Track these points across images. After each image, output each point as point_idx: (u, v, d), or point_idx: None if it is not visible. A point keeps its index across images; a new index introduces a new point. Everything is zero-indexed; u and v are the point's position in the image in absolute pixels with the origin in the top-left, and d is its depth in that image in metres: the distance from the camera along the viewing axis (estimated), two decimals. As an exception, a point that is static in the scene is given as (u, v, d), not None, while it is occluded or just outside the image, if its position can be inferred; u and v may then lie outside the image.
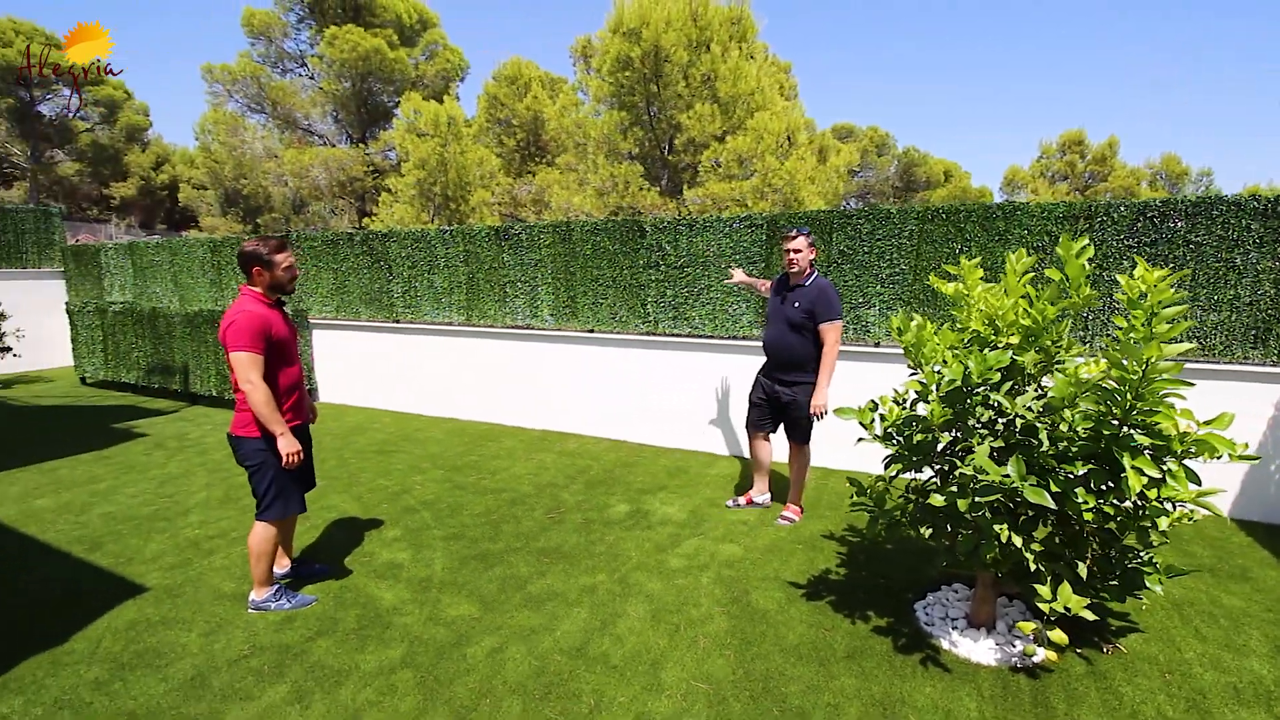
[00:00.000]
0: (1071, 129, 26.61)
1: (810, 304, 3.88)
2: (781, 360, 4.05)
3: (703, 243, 5.77)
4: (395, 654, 2.84)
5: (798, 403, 4.02)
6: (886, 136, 33.37)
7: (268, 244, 3.01)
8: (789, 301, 3.99)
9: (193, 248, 9.39)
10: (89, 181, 27.80)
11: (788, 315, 3.96)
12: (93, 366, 9.02)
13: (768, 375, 4.19)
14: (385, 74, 20.15)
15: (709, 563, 3.70)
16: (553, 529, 4.18)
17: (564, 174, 13.96)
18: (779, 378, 4.10)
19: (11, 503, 4.62)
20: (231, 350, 2.86)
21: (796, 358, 3.98)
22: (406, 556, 3.79)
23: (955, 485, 2.53)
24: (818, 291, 3.89)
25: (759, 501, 4.56)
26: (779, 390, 4.10)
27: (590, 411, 6.48)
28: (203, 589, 3.40)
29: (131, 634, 2.98)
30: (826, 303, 3.85)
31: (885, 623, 3.08)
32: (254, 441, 3.01)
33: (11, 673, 2.69)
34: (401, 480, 5.12)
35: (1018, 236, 4.89)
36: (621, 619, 3.11)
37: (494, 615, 3.15)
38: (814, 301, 3.87)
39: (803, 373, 4.00)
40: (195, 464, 5.54)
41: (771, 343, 4.09)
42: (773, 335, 4.07)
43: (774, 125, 10.33)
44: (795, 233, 3.93)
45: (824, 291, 3.89)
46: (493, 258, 6.82)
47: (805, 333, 3.92)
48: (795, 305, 3.94)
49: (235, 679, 2.67)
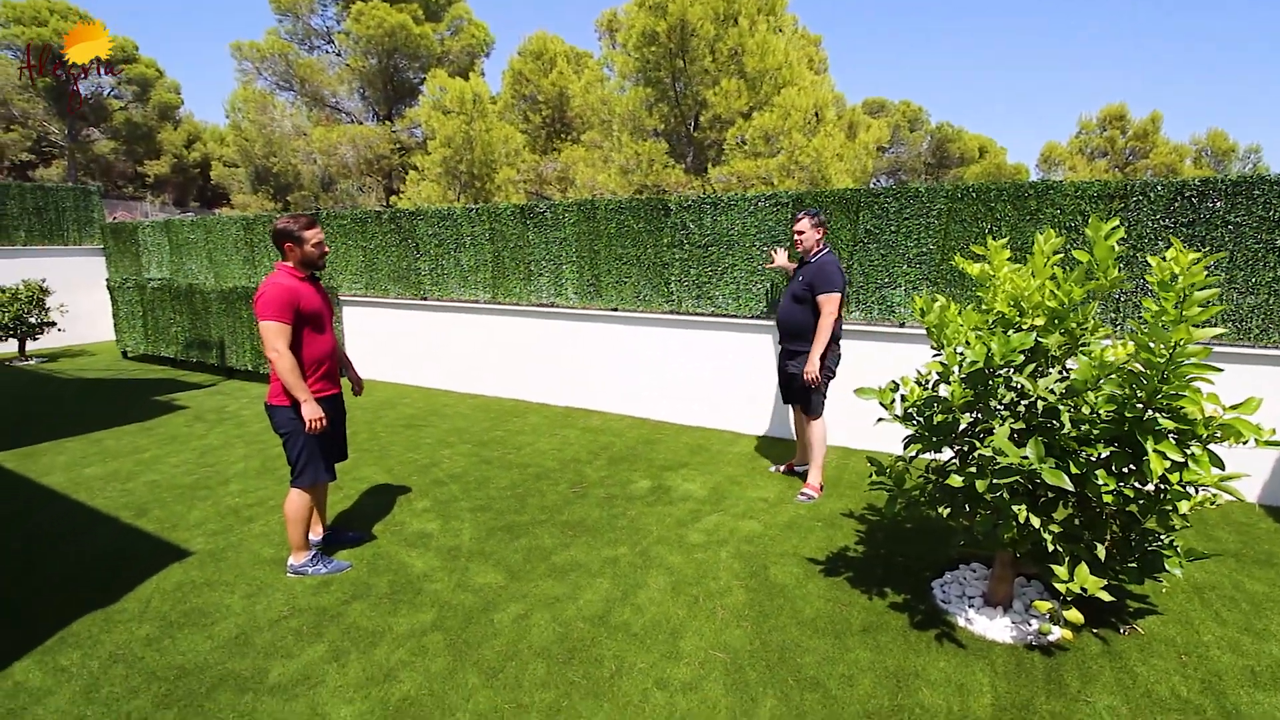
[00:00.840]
0: (1113, 103, 25.63)
1: (811, 277, 4.10)
2: (785, 331, 4.32)
3: (727, 221, 5.76)
4: (426, 618, 2.97)
5: (798, 376, 4.23)
6: (919, 111, 32.50)
7: (298, 221, 3.15)
8: (796, 275, 4.28)
9: (226, 226, 9.62)
10: (124, 159, 28.42)
11: (793, 289, 4.24)
12: (133, 341, 9.34)
13: (782, 351, 4.46)
14: (411, 50, 20.15)
15: (728, 538, 3.78)
16: (576, 503, 4.29)
17: (589, 151, 13.90)
18: (785, 349, 4.37)
19: (61, 471, 4.86)
20: (260, 319, 3.01)
21: (797, 328, 4.21)
22: (436, 527, 3.93)
23: (974, 466, 2.55)
24: (819, 266, 4.10)
25: (799, 470, 4.81)
26: (787, 362, 4.36)
27: (613, 389, 6.56)
28: (243, 554, 3.58)
29: (178, 595, 3.16)
30: (825, 276, 4.05)
31: (902, 599, 3.13)
32: (286, 410, 3.13)
33: (69, 629, 2.88)
34: (430, 454, 5.27)
35: (1050, 216, 4.80)
36: (642, 590, 3.21)
37: (520, 584, 3.27)
38: (814, 275, 4.08)
39: (804, 343, 4.20)
40: (234, 436, 5.76)
41: (779, 314, 4.39)
42: (780, 307, 4.38)
43: (801, 101, 10.12)
44: (801, 215, 4.19)
45: (824, 266, 4.09)
46: (518, 236, 6.88)
47: (805, 305, 4.15)
48: (800, 279, 4.20)
49: (276, 638, 2.82)
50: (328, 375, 3.30)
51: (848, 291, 4.34)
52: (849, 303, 5.45)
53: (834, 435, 5.53)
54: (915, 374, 3.00)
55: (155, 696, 2.46)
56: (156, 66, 27.33)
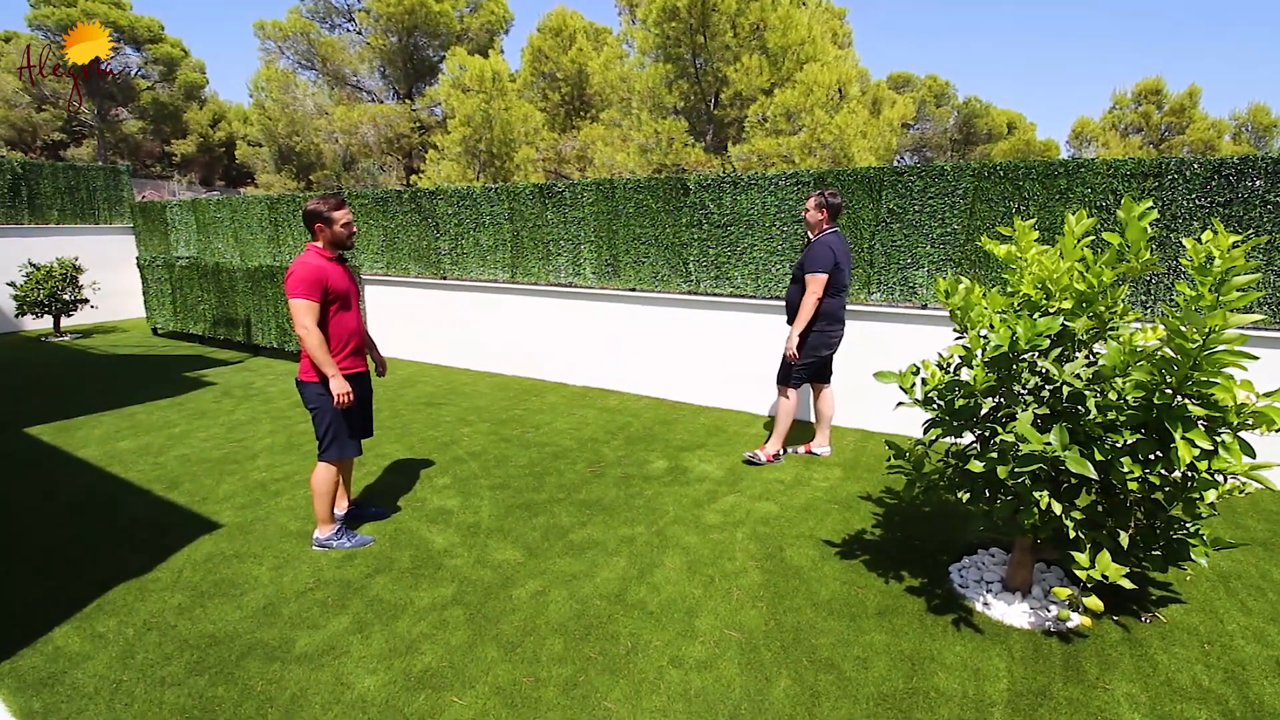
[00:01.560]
0: (1149, 77, 24.64)
1: (803, 258, 4.27)
2: (789, 309, 4.48)
3: (747, 201, 5.69)
4: (446, 592, 3.03)
5: (787, 349, 4.42)
6: (946, 86, 31.62)
7: (328, 202, 3.21)
8: (800, 256, 4.41)
9: (251, 205, 9.73)
10: (152, 139, 28.79)
11: (794, 270, 4.40)
12: (163, 318, 9.55)
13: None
14: (430, 27, 20.04)
15: (745, 519, 3.79)
16: (594, 482, 4.32)
17: (608, 130, 13.77)
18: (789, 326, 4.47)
19: (96, 444, 5.02)
20: (290, 297, 3.10)
21: (793, 308, 4.37)
22: (456, 504, 3.99)
23: (995, 451, 2.52)
24: (809, 248, 4.26)
25: (818, 453, 4.84)
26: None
27: (631, 369, 6.57)
28: (271, 527, 3.68)
29: (209, 566, 3.26)
30: (811, 256, 4.20)
31: (918, 583, 3.12)
32: (315, 386, 3.21)
33: (105, 597, 2.99)
34: (450, 432, 5.34)
35: (1080, 195, 4.67)
36: (658, 569, 3.24)
37: (537, 561, 3.32)
38: (804, 255, 4.26)
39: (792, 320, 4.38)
40: (260, 412, 5.89)
41: (787, 294, 4.53)
42: (788, 287, 4.52)
43: (824, 77, 9.87)
44: (811, 194, 4.31)
45: (813, 246, 4.23)
46: (536, 216, 6.87)
47: (798, 285, 4.29)
48: (799, 259, 4.36)
49: (303, 609, 2.90)
50: (355, 352, 3.38)
51: (849, 272, 4.37)
52: (870, 284, 5.38)
53: (853, 417, 5.49)
54: (937, 357, 2.96)
55: (188, 663, 2.56)
56: (182, 46, 27.52)
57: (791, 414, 4.57)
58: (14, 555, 3.38)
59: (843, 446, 5.02)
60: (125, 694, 2.39)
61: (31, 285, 9.14)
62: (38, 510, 3.90)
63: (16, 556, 3.36)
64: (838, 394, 5.53)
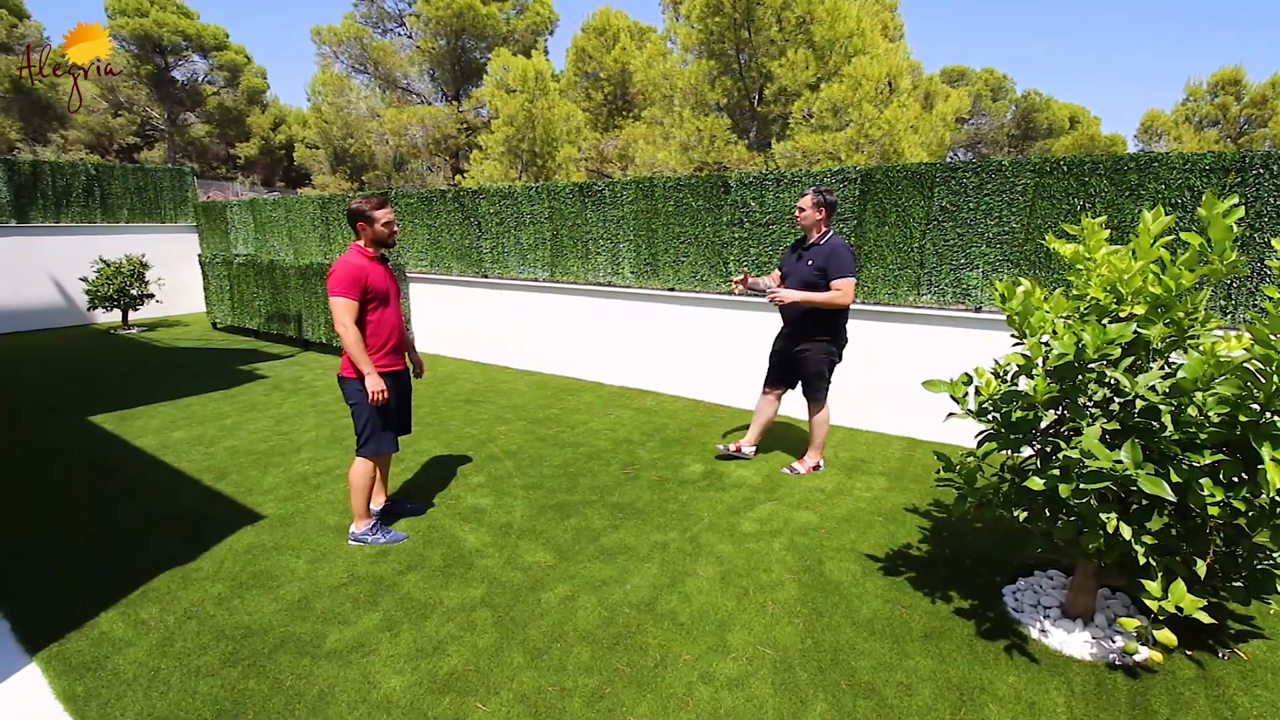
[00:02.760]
0: (1226, 67, 23.10)
1: (824, 261, 3.93)
2: (795, 318, 4.13)
3: (790, 199, 5.52)
4: (476, 593, 3.01)
5: (812, 359, 4.13)
6: (1003, 79, 30.42)
7: (370, 201, 3.25)
8: (804, 260, 4.05)
9: (304, 204, 10.03)
10: (217, 142, 30.18)
11: (801, 274, 4.03)
12: (221, 313, 9.94)
13: (783, 333, 4.28)
14: (478, 30, 20.35)
15: (782, 529, 3.65)
16: (627, 485, 4.25)
17: (649, 128, 13.69)
18: (792, 334, 4.19)
19: (153, 433, 5.21)
20: (330, 295, 3.15)
21: (807, 315, 4.06)
22: (489, 502, 3.98)
23: (1057, 468, 2.33)
24: (830, 250, 3.94)
25: (745, 453, 4.64)
26: (792, 347, 4.20)
27: (668, 370, 6.48)
28: (310, 520, 3.73)
29: (249, 557, 3.32)
30: (838, 261, 3.90)
31: (968, 605, 2.94)
32: (354, 382, 3.26)
33: (150, 584, 3.07)
34: (487, 429, 5.35)
35: (1152, 192, 4.36)
36: (690, 578, 3.14)
37: (568, 564, 3.26)
38: (826, 259, 3.92)
39: (815, 329, 4.10)
40: (307, 406, 6.03)
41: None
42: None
43: (873, 70, 9.51)
44: (808, 191, 4.00)
45: (836, 249, 3.93)
46: (576, 215, 6.84)
47: (818, 289, 3.96)
48: (809, 264, 4.01)
49: (335, 604, 2.92)
50: (394, 350, 3.41)
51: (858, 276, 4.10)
52: (920, 285, 5.15)
53: (899, 425, 5.27)
54: (993, 364, 2.78)
55: (223, 654, 2.59)
56: (245, 53, 28.72)
57: (827, 422, 4.39)
58: (71, 541, 3.51)
59: (888, 456, 4.81)
60: (162, 682, 2.44)
61: (102, 281, 9.63)
62: (96, 497, 4.06)
63: (73, 543, 3.50)
64: (879, 397, 5.33)
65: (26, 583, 3.11)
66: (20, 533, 3.62)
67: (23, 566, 3.26)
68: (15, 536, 3.58)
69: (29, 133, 25.87)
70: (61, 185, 10.55)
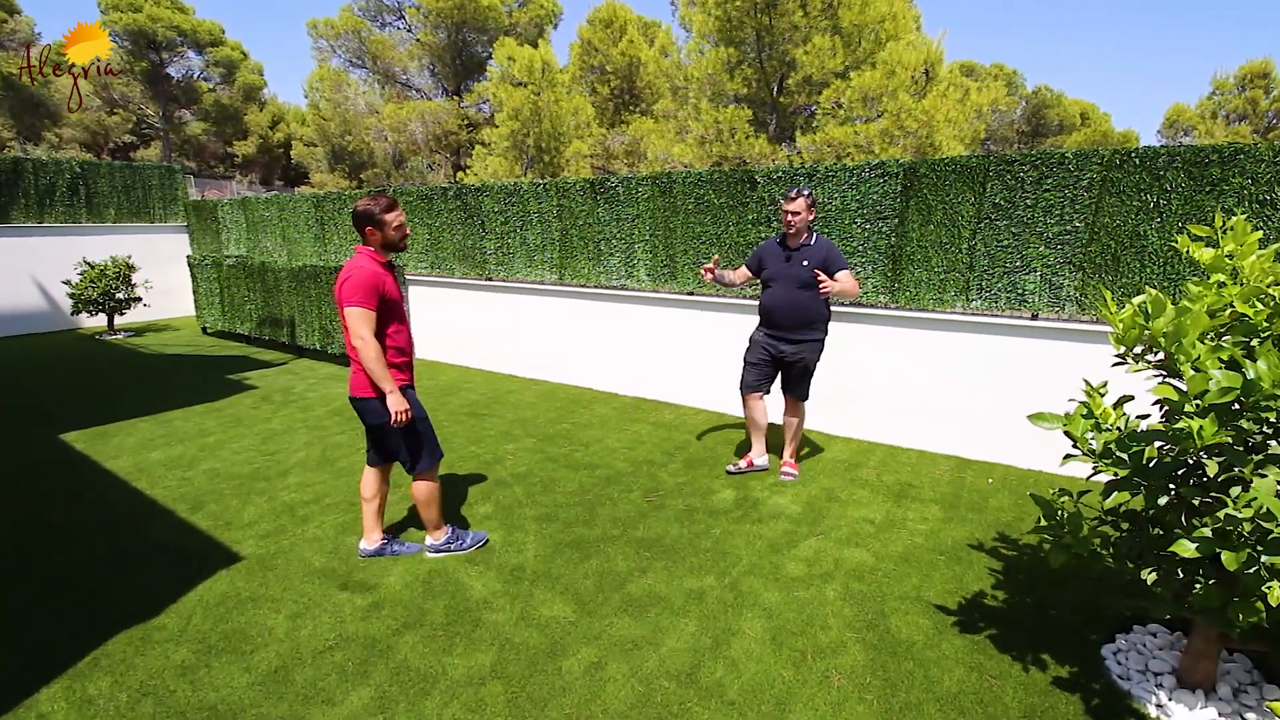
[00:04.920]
0: (1255, 60, 22.53)
1: (822, 261, 3.93)
2: (791, 319, 4.04)
3: (824, 195, 5.06)
4: (485, 660, 2.55)
5: (805, 360, 4.09)
6: (1014, 75, 29.88)
7: (379, 203, 2.95)
8: (795, 261, 3.99)
9: (298, 203, 9.57)
10: (215, 140, 29.67)
11: (798, 275, 3.96)
12: (212, 317, 9.48)
13: (772, 336, 4.15)
14: (479, 23, 19.86)
15: (833, 571, 3.20)
16: (652, 515, 3.80)
17: (660, 123, 13.18)
18: (787, 337, 4.08)
19: (128, 454, 4.76)
20: (345, 305, 2.82)
21: (807, 315, 4.02)
22: (498, 539, 3.53)
23: (1209, 526, 1.87)
24: (827, 249, 3.97)
25: (759, 464, 4.44)
26: (785, 349, 4.10)
27: (688, 380, 6.02)
28: (294, 562, 3.28)
29: (221, 611, 2.87)
30: (836, 256, 3.96)
31: (1067, 672, 2.48)
32: (373, 401, 2.97)
33: (104, 648, 2.62)
34: (493, 448, 4.90)
35: (1237, 187, 3.89)
36: (736, 638, 2.69)
37: (591, 620, 2.81)
38: (825, 258, 3.94)
39: (812, 330, 4.05)
40: (298, 420, 5.58)
41: (782, 304, 4.05)
42: (781, 295, 4.05)
43: (909, 58, 8.96)
44: (795, 193, 3.91)
45: (833, 248, 3.99)
46: (587, 213, 6.38)
47: (815, 290, 3.91)
48: (804, 264, 3.96)
49: (319, 675, 2.47)
50: (408, 365, 3.10)
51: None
52: (969, 289, 4.69)
53: (945, 443, 4.81)
54: (1083, 388, 2.31)
55: (180, 747, 2.14)
56: (242, 49, 28.17)
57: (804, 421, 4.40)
58: (14, 594, 3.05)
59: (937, 479, 4.36)
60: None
61: (86, 284, 9.17)
62: (56, 532, 3.61)
63: (16, 596, 3.04)
64: (920, 411, 4.90)
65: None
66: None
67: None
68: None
69: (21, 131, 25.40)
70: (45, 183, 10.09)
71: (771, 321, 4.13)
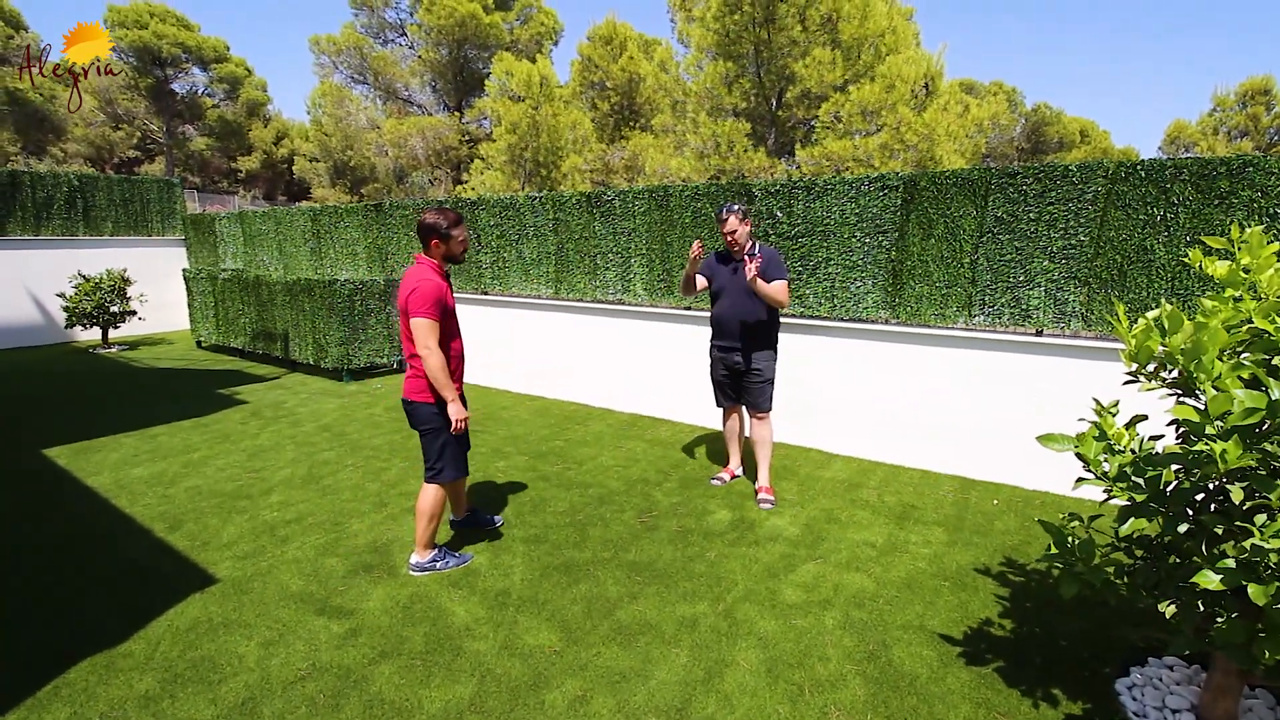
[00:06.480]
0: (1255, 76, 22.61)
1: (764, 268, 3.84)
2: (741, 330, 4.00)
3: (822, 209, 4.98)
4: (464, 692, 2.42)
5: (760, 369, 4.03)
6: (1013, 92, 30.07)
7: (447, 217, 3.06)
8: (740, 273, 3.91)
9: (295, 217, 9.53)
10: (218, 155, 29.86)
11: (743, 285, 3.89)
12: (206, 331, 9.40)
13: (724, 349, 4.11)
14: (480, 40, 20.02)
15: (833, 598, 3.06)
16: (644, 537, 3.67)
17: (658, 138, 13.17)
18: (739, 348, 4.04)
19: (110, 470, 4.64)
20: (414, 316, 2.92)
21: (757, 325, 3.98)
22: (483, 561, 3.40)
23: (1235, 559, 1.75)
24: (768, 257, 3.92)
25: (740, 474, 4.52)
26: (738, 360, 4.04)
27: (685, 397, 5.90)
28: (270, 586, 3.15)
29: (190, 637, 2.74)
30: (778, 265, 3.91)
31: (1080, 709, 2.34)
32: (429, 406, 3.08)
33: (65, 676, 2.49)
34: (484, 466, 4.78)
35: (1246, 200, 3.80)
36: (730, 670, 2.55)
37: (577, 649, 2.67)
38: (767, 266, 3.87)
39: (764, 339, 4.02)
40: (285, 436, 5.46)
41: (730, 314, 4.02)
42: (731, 307, 4.01)
43: (908, 71, 8.93)
44: (724, 212, 3.88)
45: (774, 256, 3.94)
46: (583, 227, 6.31)
47: (753, 299, 3.90)
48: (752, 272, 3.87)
49: (288, 708, 2.33)
50: (461, 375, 3.24)
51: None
52: (971, 305, 4.59)
53: (948, 462, 4.69)
54: (1093, 407, 2.20)
55: (134, 788, 2.00)
56: (246, 65, 28.44)
57: (772, 438, 4.27)
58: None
59: (940, 500, 4.23)
60: (46, 836, 1.85)
61: (80, 297, 9.11)
62: (27, 549, 3.48)
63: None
64: (920, 430, 4.77)
65: (-88, 675, 2.53)
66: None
67: (-86, 650, 2.68)
68: (-83, 607, 3.00)
69: (26, 146, 25.55)
70: (42, 196, 10.06)
71: (722, 331, 4.11)
